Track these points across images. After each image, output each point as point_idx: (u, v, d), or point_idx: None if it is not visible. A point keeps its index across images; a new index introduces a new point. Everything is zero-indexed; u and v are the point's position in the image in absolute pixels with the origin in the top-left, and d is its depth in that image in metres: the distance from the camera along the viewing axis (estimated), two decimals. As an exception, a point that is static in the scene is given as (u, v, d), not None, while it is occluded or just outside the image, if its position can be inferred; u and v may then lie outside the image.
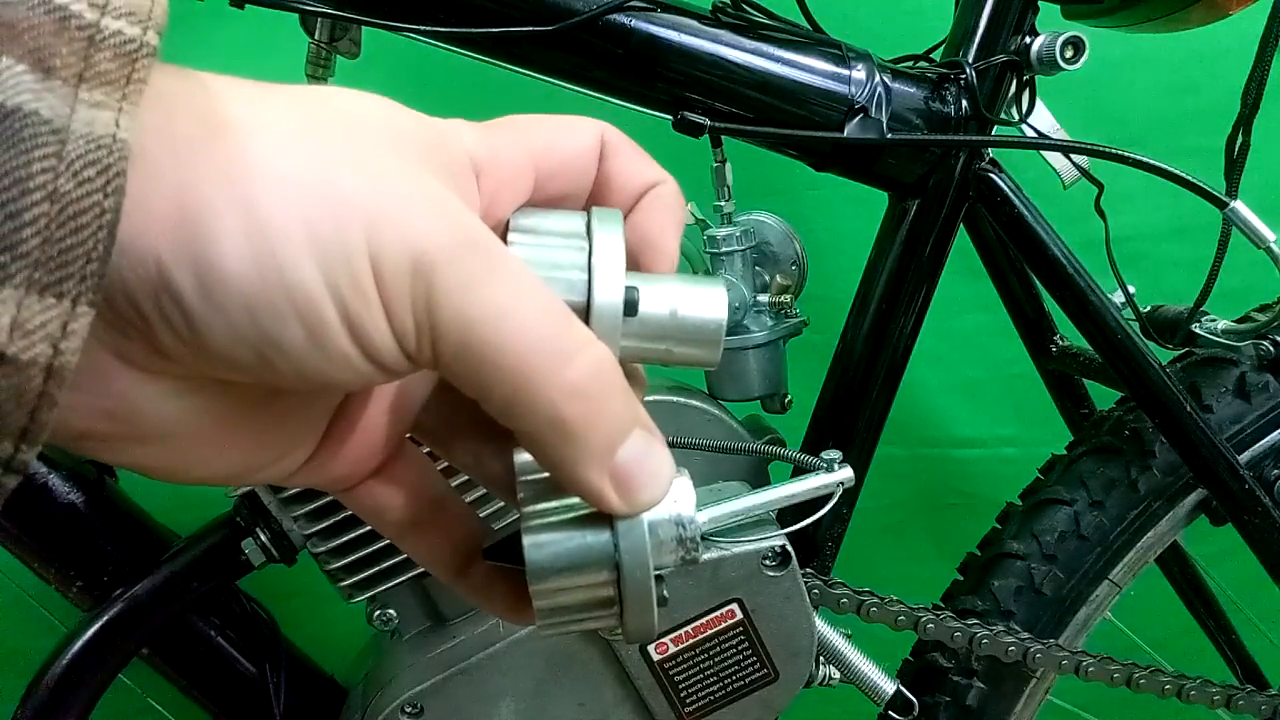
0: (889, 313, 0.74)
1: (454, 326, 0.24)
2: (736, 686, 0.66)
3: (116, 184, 0.20)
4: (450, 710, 0.66)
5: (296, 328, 0.23)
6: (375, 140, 0.25)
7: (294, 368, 0.24)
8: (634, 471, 0.27)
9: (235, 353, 0.23)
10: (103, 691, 0.74)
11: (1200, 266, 0.71)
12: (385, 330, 0.24)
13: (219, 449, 0.27)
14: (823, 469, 0.65)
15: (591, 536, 0.28)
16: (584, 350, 0.25)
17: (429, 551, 0.33)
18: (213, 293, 0.22)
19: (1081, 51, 0.70)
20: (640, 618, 0.28)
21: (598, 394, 0.25)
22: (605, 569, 0.28)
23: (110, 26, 0.20)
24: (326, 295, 0.23)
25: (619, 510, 0.27)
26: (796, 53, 0.68)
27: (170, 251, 0.21)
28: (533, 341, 0.24)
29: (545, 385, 0.24)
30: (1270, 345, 0.79)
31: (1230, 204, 0.67)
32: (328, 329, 0.23)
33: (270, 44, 1.05)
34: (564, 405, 0.25)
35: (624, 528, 0.27)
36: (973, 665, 0.81)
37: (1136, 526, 0.80)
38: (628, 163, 0.32)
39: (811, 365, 0.79)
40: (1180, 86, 1.14)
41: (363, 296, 0.23)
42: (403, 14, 0.63)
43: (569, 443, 0.25)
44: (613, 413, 0.26)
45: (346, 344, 0.24)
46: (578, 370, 0.25)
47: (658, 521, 0.28)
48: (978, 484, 1.26)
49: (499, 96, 1.08)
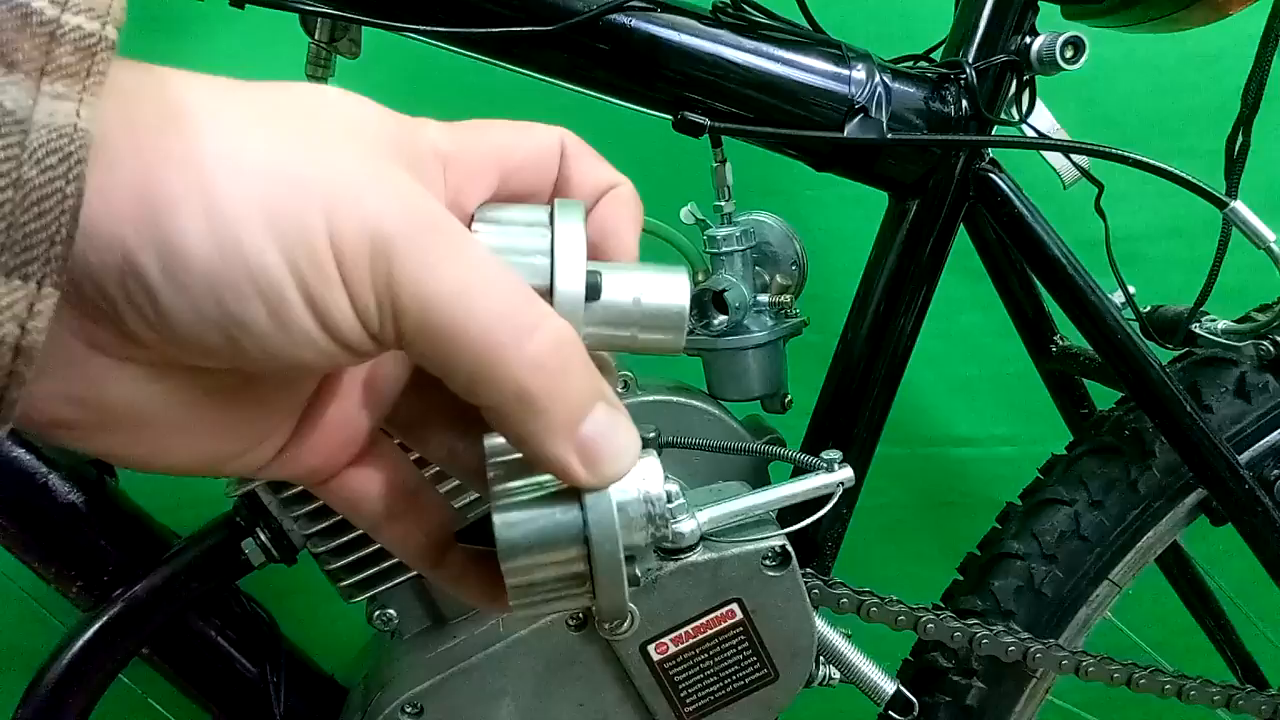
0: (889, 313, 0.74)
1: (415, 304, 0.24)
2: (736, 686, 0.66)
3: (78, 170, 0.21)
4: (450, 710, 0.66)
5: (260, 307, 0.23)
6: (336, 128, 0.26)
7: (260, 348, 0.24)
8: (599, 443, 0.27)
9: (202, 334, 0.24)
10: (103, 691, 0.74)
11: (1200, 266, 0.71)
12: (347, 309, 0.24)
13: (190, 437, 0.27)
14: (823, 469, 0.65)
15: (560, 512, 0.28)
16: (544, 324, 0.26)
17: (404, 542, 0.33)
18: (177, 275, 0.23)
19: (1081, 51, 0.70)
20: (611, 593, 0.29)
21: (560, 367, 0.26)
22: (575, 545, 0.28)
23: (70, 22, 0.21)
24: (288, 275, 0.23)
25: (586, 483, 0.27)
26: (796, 53, 0.68)
27: (134, 236, 0.22)
28: (493, 317, 0.25)
29: (507, 359, 0.25)
30: (1270, 345, 0.78)
31: (1230, 204, 0.67)
32: (290, 308, 0.24)
33: (270, 44, 1.05)
34: (527, 378, 0.25)
35: (592, 502, 0.28)
36: (973, 665, 0.81)
37: (1136, 526, 0.80)
38: (588, 166, 0.32)
39: (811, 365, 0.79)
40: (1180, 86, 1.14)
41: (323, 275, 0.24)
42: (403, 14, 0.63)
43: (533, 415, 0.26)
44: (576, 385, 0.27)
45: (309, 323, 0.24)
46: (539, 344, 0.25)
47: (627, 500, 0.28)
48: (977, 483, 1.26)
49: (499, 96, 1.09)
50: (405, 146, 0.27)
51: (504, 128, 0.31)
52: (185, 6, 1.02)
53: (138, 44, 0.89)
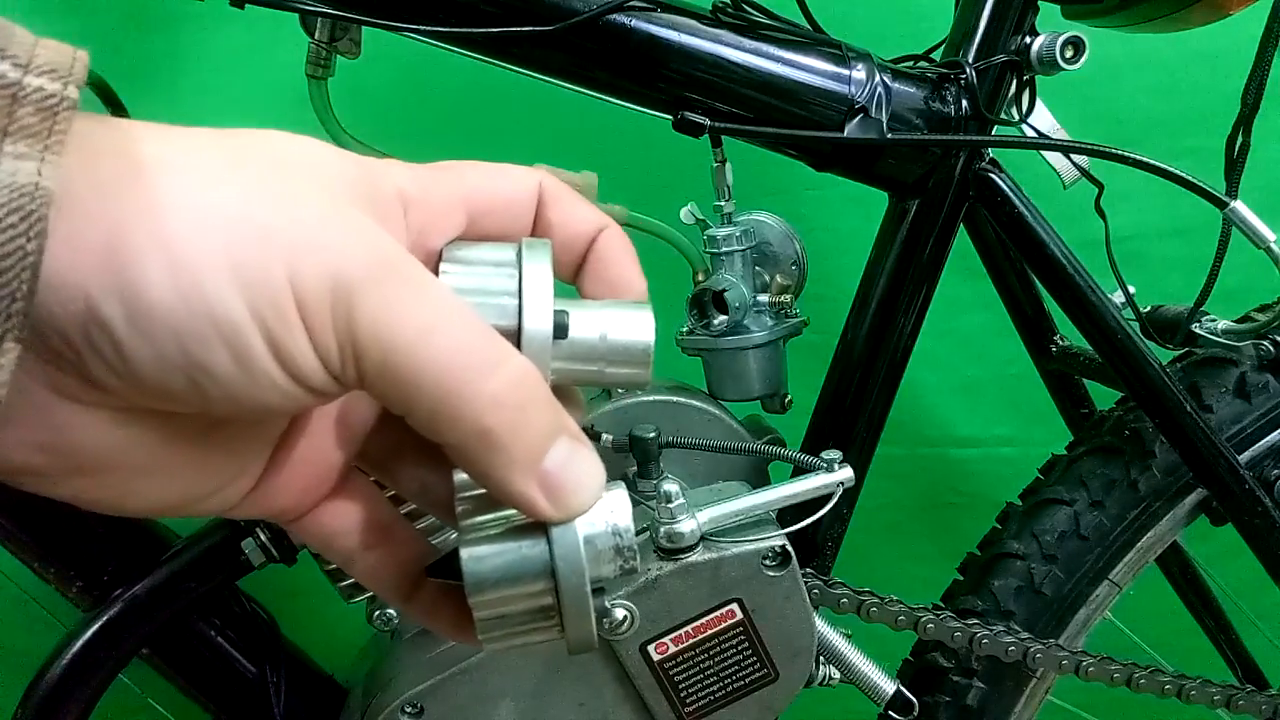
0: (889, 313, 0.74)
1: (375, 345, 0.25)
2: (736, 686, 0.66)
3: (39, 228, 0.21)
4: (450, 710, 0.66)
5: (223, 353, 0.24)
6: (295, 174, 0.26)
7: (224, 393, 0.25)
8: (562, 477, 0.27)
9: (167, 380, 0.24)
10: (103, 691, 0.74)
11: (1200, 266, 0.71)
12: (309, 352, 0.25)
13: (158, 480, 0.27)
14: (823, 469, 0.65)
15: (527, 547, 0.28)
16: (505, 362, 0.26)
17: (378, 576, 0.33)
18: (140, 322, 0.23)
19: (1082, 51, 0.70)
20: (579, 626, 0.29)
21: (520, 403, 0.26)
22: (542, 578, 0.28)
23: (32, 84, 0.22)
24: (250, 320, 0.24)
25: (550, 516, 0.28)
26: (796, 53, 0.68)
27: (98, 286, 0.23)
28: (453, 355, 0.25)
29: (468, 397, 0.25)
30: (1270, 345, 0.79)
31: (1230, 204, 0.67)
32: (253, 353, 0.24)
33: (270, 44, 1.05)
34: (487, 415, 0.26)
35: (558, 535, 0.28)
36: (973, 665, 0.81)
37: (1136, 526, 0.80)
38: (570, 210, 0.33)
39: (811, 365, 0.79)
40: (1180, 86, 1.14)
41: (285, 321, 0.24)
42: (403, 14, 0.63)
43: (495, 452, 0.26)
44: (537, 421, 0.27)
45: (272, 367, 0.24)
46: (499, 381, 0.26)
47: (594, 533, 0.29)
48: (977, 483, 1.26)
49: (499, 96, 1.09)
50: (366, 189, 0.28)
51: (474, 169, 0.31)
52: (185, 6, 1.02)
53: (138, 44, 0.90)
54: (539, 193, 0.32)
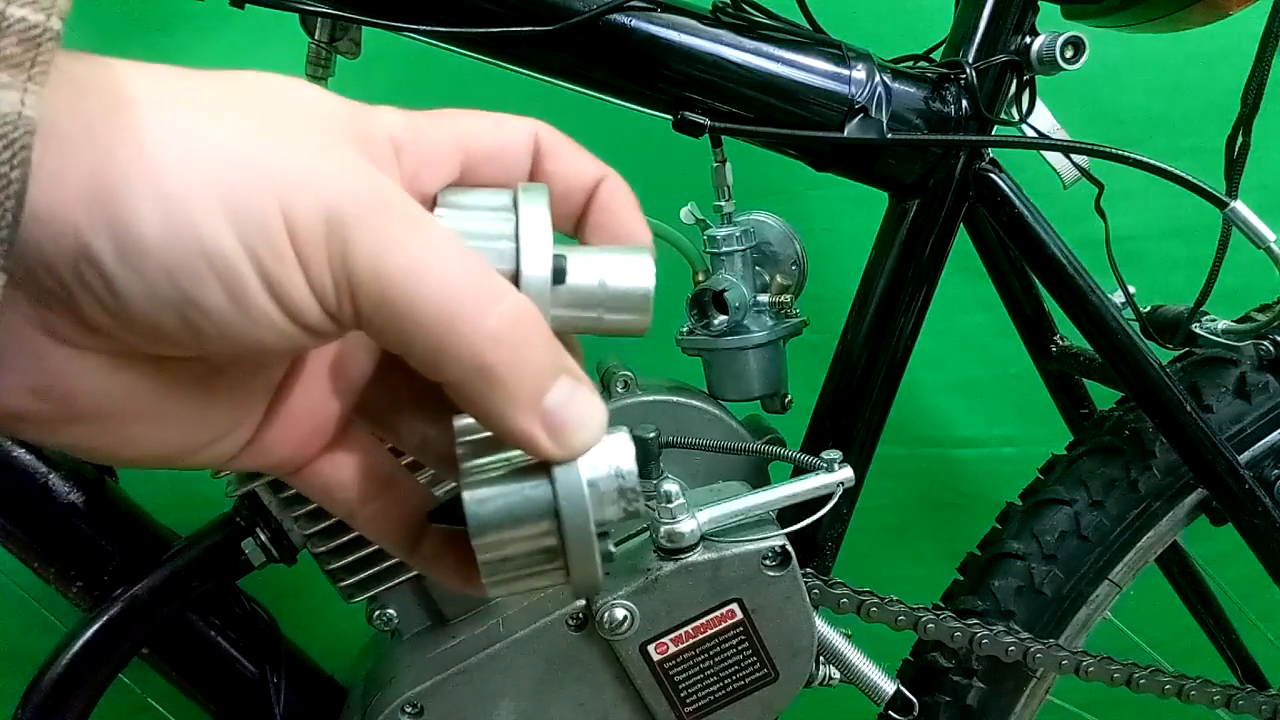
0: (889, 313, 0.74)
1: (371, 281, 0.24)
2: (737, 686, 0.66)
3: (23, 156, 0.21)
4: (450, 710, 0.66)
5: (216, 289, 0.24)
6: (287, 113, 0.26)
7: (218, 331, 0.24)
8: (564, 415, 0.27)
9: (159, 319, 0.24)
10: (103, 691, 0.74)
11: (1200, 266, 0.71)
12: (304, 288, 0.24)
13: (156, 427, 0.27)
14: (823, 469, 0.65)
15: (530, 487, 0.28)
16: (503, 299, 0.26)
17: (380, 528, 0.33)
18: (131, 257, 0.23)
19: (1082, 51, 0.70)
20: (583, 567, 0.29)
21: (520, 340, 0.26)
22: (545, 518, 0.28)
23: (14, 14, 0.21)
24: (243, 255, 0.23)
25: (553, 455, 0.27)
26: (796, 53, 0.68)
27: (88, 221, 0.22)
28: (451, 292, 0.25)
29: (467, 333, 0.25)
30: (1270, 345, 0.78)
31: (1230, 204, 0.67)
32: (246, 288, 0.24)
33: (270, 44, 1.05)
34: (488, 351, 0.25)
35: (561, 475, 0.28)
36: (973, 665, 0.81)
37: (1136, 526, 0.80)
38: (570, 160, 0.32)
39: (811, 365, 0.79)
40: (1180, 86, 1.14)
41: (279, 255, 0.24)
42: (403, 14, 0.63)
43: (496, 389, 0.26)
44: (537, 358, 0.27)
45: (267, 303, 0.24)
46: (498, 317, 0.25)
47: (598, 474, 0.28)
48: (978, 484, 1.26)
49: (499, 96, 1.09)
50: (357, 130, 0.27)
51: (469, 115, 0.31)
52: (185, 6, 1.02)
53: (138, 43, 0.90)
54: (536, 143, 0.32)
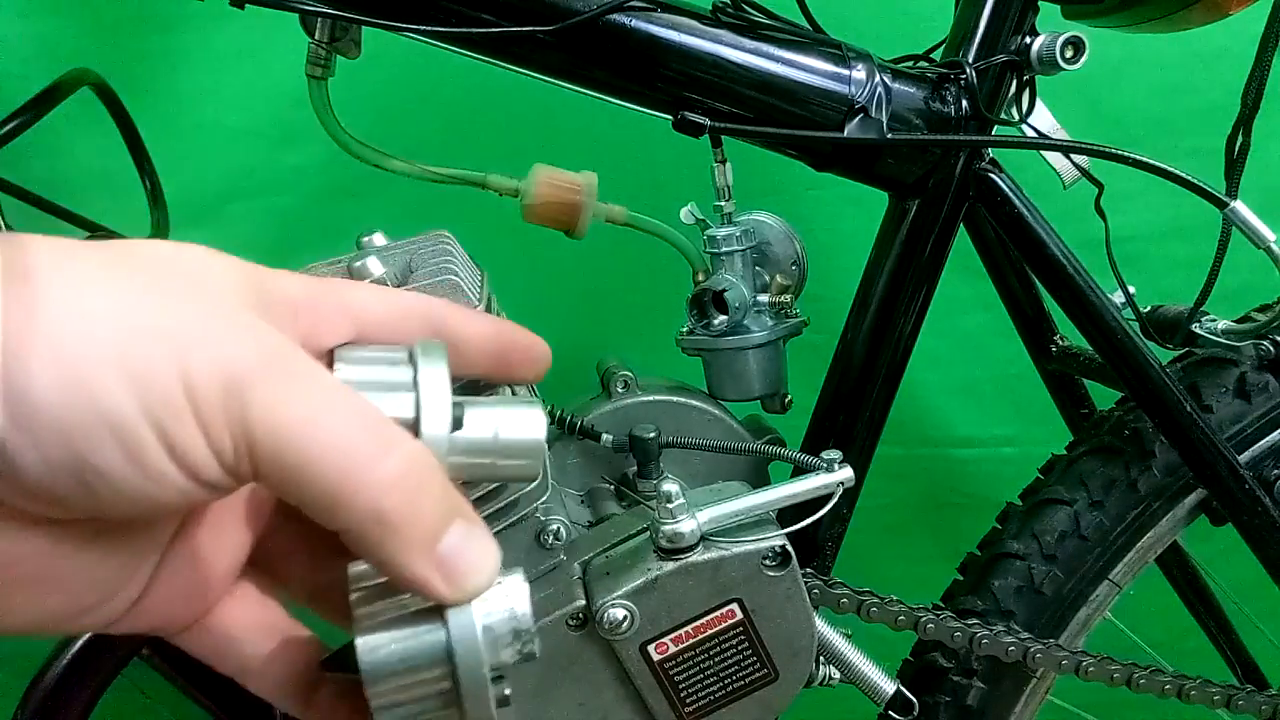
0: (889, 313, 0.74)
1: (268, 435, 0.25)
2: (736, 686, 0.66)
3: None
4: (450, 710, 0.66)
5: (114, 451, 0.23)
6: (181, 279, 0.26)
7: (115, 491, 0.24)
8: (458, 559, 0.27)
9: (54, 483, 0.23)
10: (103, 692, 0.74)
11: (1200, 266, 0.71)
12: (203, 446, 0.24)
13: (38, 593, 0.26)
14: (823, 469, 0.65)
15: (424, 631, 0.28)
16: (398, 446, 0.26)
17: (272, 683, 0.33)
18: (24, 421, 0.22)
19: (1082, 51, 0.70)
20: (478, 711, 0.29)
21: (415, 485, 0.26)
22: (440, 664, 0.28)
23: None
24: (141, 417, 0.23)
25: (447, 597, 0.28)
26: (796, 53, 0.68)
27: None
28: (347, 442, 0.25)
29: (362, 481, 0.25)
30: (1270, 345, 0.78)
31: (1230, 204, 0.67)
32: (145, 450, 0.24)
33: (270, 44, 1.05)
34: (382, 498, 0.26)
35: (454, 618, 0.28)
36: (973, 665, 0.81)
37: (1136, 526, 0.79)
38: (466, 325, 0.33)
39: (811, 365, 0.79)
40: (1180, 86, 1.14)
41: (177, 416, 0.24)
42: (403, 14, 0.63)
43: (391, 534, 0.26)
44: (432, 503, 0.27)
45: (165, 463, 0.24)
46: (393, 464, 0.26)
47: (493, 620, 0.29)
48: (977, 484, 1.26)
49: (499, 96, 1.09)
50: (253, 291, 0.28)
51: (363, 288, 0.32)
52: (185, 6, 1.02)
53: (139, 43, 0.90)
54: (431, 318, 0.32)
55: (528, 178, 0.74)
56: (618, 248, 0.84)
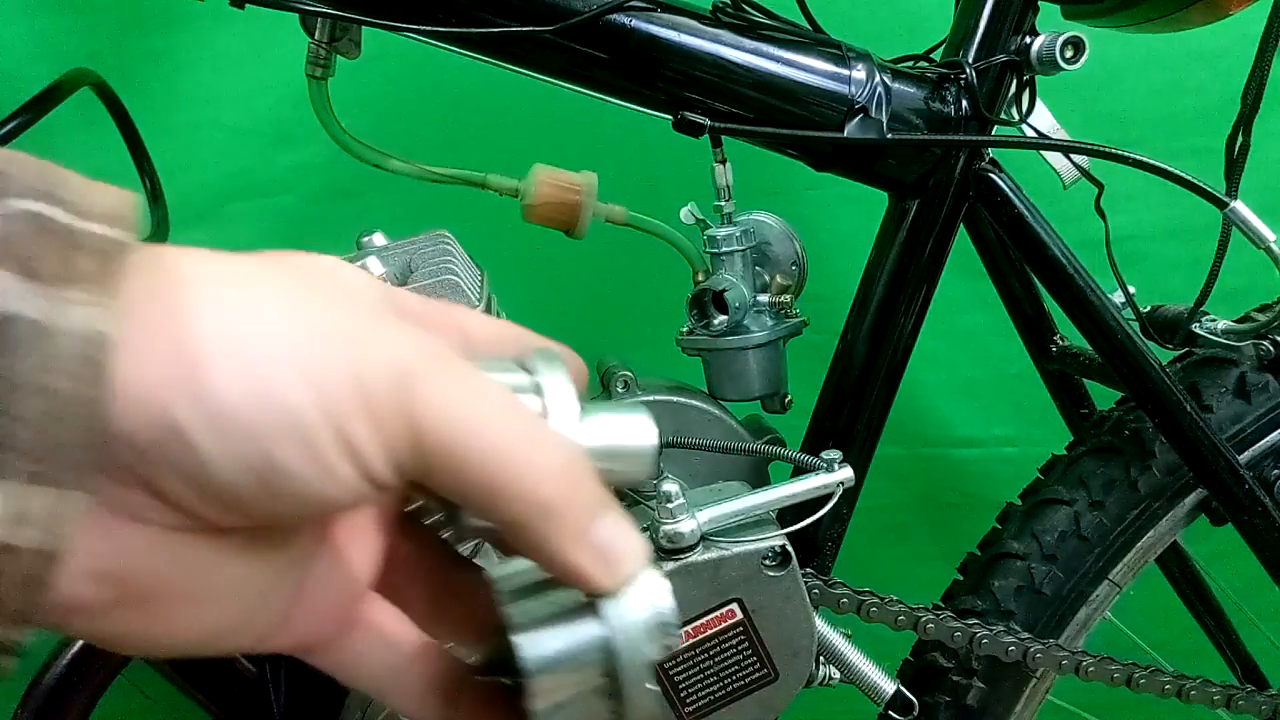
0: (889, 313, 0.74)
1: (436, 432, 0.26)
2: (736, 686, 0.66)
3: (103, 375, 0.22)
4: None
5: (296, 450, 0.24)
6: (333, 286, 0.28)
7: (294, 491, 0.25)
8: (613, 546, 0.28)
9: (238, 482, 0.24)
10: (103, 691, 0.74)
11: (1200, 266, 0.71)
12: (375, 445, 0.25)
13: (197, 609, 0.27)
14: (823, 469, 0.65)
15: (581, 625, 0.29)
16: (555, 439, 0.28)
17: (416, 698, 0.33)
18: (217, 425, 0.23)
19: (1081, 51, 0.70)
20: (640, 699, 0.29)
21: (573, 476, 0.28)
22: (598, 657, 0.28)
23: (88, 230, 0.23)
24: (320, 417, 0.24)
25: (603, 584, 0.28)
26: (796, 53, 0.68)
27: (172, 392, 0.23)
28: (510, 435, 0.27)
29: (526, 472, 0.26)
30: (1270, 345, 0.78)
31: (1230, 204, 0.67)
32: (324, 448, 0.25)
33: (270, 44, 1.05)
34: (545, 487, 0.27)
35: (610, 610, 0.28)
36: (973, 665, 0.81)
37: (1136, 526, 0.79)
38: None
39: (811, 365, 0.79)
40: (1180, 86, 1.14)
41: (352, 415, 0.25)
42: (403, 14, 0.63)
43: (552, 522, 0.27)
44: (588, 493, 0.28)
45: (341, 461, 0.25)
46: (554, 456, 0.27)
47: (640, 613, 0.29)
48: (978, 484, 1.26)
49: (499, 96, 1.09)
50: (392, 303, 0.29)
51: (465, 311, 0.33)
52: (185, 6, 1.02)
53: (139, 43, 0.90)
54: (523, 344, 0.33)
55: (528, 178, 0.74)
56: (618, 248, 0.84)
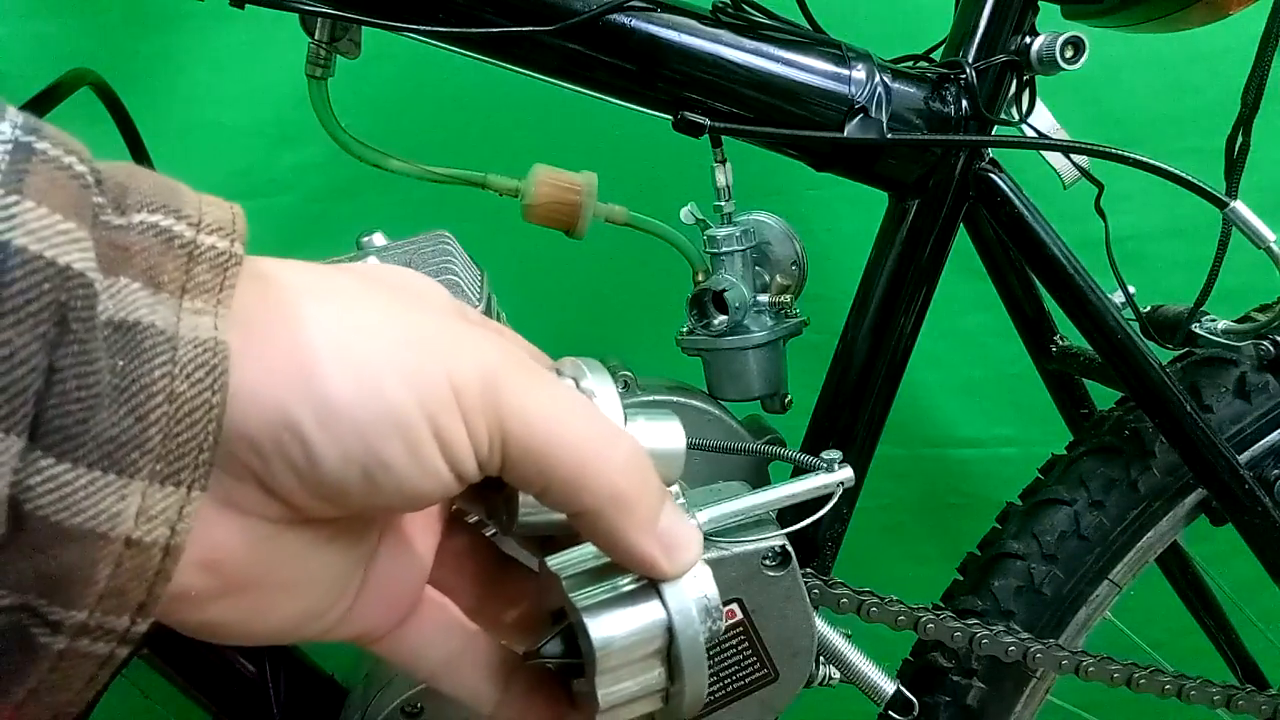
0: (889, 313, 0.74)
1: (521, 428, 0.28)
2: (736, 686, 0.66)
3: (222, 381, 0.23)
4: (449, 710, 0.66)
5: (399, 446, 0.26)
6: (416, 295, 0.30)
7: (394, 484, 0.27)
8: (675, 535, 0.31)
9: (344, 476, 0.26)
10: (103, 692, 0.74)
11: (1200, 266, 0.71)
12: (465, 439, 0.27)
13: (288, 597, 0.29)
14: (823, 469, 0.65)
15: (644, 608, 0.31)
16: (624, 436, 0.31)
17: (469, 684, 0.35)
18: (328, 421, 0.25)
19: (1081, 51, 0.70)
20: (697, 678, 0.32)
21: (643, 471, 0.30)
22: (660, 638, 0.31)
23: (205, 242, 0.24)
24: (420, 415, 0.27)
25: (667, 571, 0.31)
26: (796, 53, 0.68)
27: (289, 393, 0.25)
28: (586, 431, 0.29)
29: (602, 465, 0.29)
30: (1270, 345, 0.78)
31: (1230, 204, 0.67)
32: (423, 444, 0.27)
33: (270, 44, 1.05)
34: (619, 479, 0.29)
35: (670, 593, 0.31)
36: (973, 665, 0.81)
37: (1136, 526, 0.79)
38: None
39: (811, 365, 0.79)
40: (1181, 86, 1.14)
41: (448, 413, 0.27)
42: (403, 14, 0.63)
43: (625, 512, 0.30)
44: (654, 485, 0.31)
45: (436, 456, 0.27)
46: (624, 452, 0.30)
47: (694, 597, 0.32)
48: (978, 484, 1.26)
49: (499, 96, 1.09)
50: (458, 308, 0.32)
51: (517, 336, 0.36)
52: (185, 6, 1.02)
53: (139, 43, 0.90)
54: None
55: (528, 178, 0.74)
56: (618, 248, 0.84)
